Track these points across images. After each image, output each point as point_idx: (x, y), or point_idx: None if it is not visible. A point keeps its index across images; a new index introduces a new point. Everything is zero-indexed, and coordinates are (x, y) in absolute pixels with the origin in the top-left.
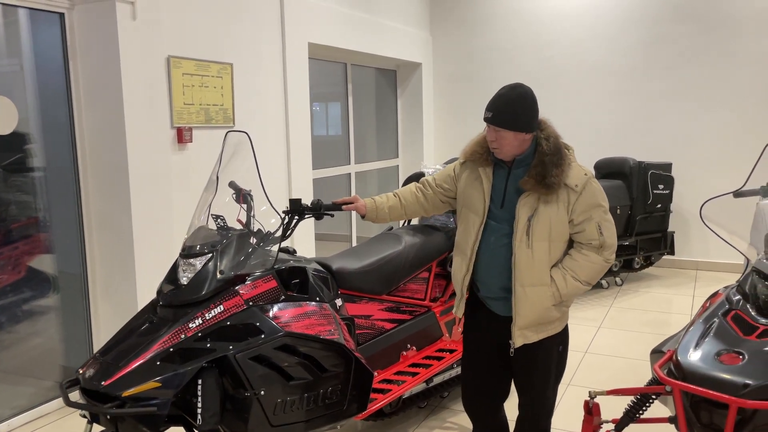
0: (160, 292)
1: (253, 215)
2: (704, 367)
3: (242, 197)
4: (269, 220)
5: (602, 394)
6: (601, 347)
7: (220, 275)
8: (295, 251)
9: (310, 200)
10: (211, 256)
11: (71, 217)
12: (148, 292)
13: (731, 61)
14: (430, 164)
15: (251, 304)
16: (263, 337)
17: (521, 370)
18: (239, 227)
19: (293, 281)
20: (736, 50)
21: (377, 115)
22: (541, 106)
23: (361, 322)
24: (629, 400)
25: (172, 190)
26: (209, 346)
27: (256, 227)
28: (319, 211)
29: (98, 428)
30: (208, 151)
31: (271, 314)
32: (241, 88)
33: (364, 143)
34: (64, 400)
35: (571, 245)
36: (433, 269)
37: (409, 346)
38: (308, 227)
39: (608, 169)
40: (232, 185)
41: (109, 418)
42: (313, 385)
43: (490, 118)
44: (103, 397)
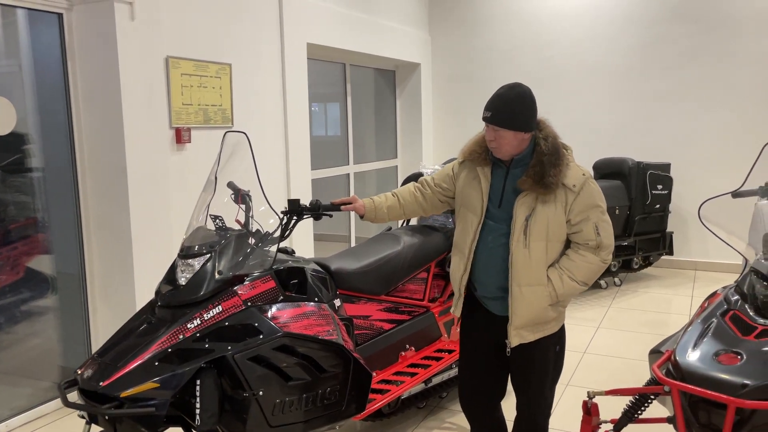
0: (158, 292)
1: (251, 215)
2: (703, 367)
3: (241, 197)
4: (268, 220)
5: (601, 394)
6: (599, 347)
7: (218, 276)
8: (293, 251)
9: (308, 200)
10: (209, 256)
11: (70, 217)
12: (146, 292)
13: (731, 61)
14: (428, 164)
15: (250, 304)
16: (262, 337)
17: (518, 369)
18: (238, 228)
19: (292, 281)
20: (735, 50)
21: (376, 115)
22: (540, 106)
23: (359, 322)
24: (628, 400)
25: (170, 190)
26: (208, 346)
27: (254, 227)
28: (317, 211)
29: (96, 429)
30: (206, 151)
31: (269, 315)
32: (239, 88)
33: (362, 143)
34: (62, 400)
35: (568, 245)
36: (431, 269)
37: (407, 346)
38: (307, 227)
39: (607, 169)
40: (230, 185)
41: (107, 418)
42: (311, 385)
43: (488, 117)
44: (101, 397)
